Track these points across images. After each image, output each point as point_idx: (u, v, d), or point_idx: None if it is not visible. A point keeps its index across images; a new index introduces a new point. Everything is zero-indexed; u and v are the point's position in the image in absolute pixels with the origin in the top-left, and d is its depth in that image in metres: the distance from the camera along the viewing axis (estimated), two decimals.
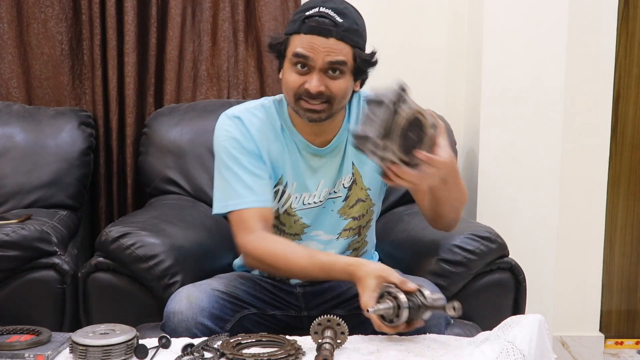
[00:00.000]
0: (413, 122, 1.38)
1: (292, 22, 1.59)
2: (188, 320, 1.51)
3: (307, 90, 1.54)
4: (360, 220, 1.74)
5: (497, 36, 2.40)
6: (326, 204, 1.70)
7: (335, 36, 1.53)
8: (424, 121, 1.40)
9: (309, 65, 1.54)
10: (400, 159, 1.38)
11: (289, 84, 1.57)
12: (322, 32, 1.52)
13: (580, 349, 2.79)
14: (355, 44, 1.56)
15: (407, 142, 1.38)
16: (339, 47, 1.53)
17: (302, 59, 1.54)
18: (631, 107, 2.83)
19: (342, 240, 1.73)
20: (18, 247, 1.83)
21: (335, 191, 1.70)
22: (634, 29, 2.78)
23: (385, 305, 1.36)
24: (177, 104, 2.45)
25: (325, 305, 1.70)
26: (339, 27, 1.53)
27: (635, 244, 2.90)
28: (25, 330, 1.43)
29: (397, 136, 1.36)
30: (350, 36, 1.55)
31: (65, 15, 2.48)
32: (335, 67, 1.54)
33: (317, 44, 1.52)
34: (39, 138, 2.27)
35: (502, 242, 1.86)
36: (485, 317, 1.80)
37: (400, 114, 1.36)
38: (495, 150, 2.43)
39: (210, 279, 1.69)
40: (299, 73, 1.56)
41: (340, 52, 1.54)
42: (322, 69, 1.54)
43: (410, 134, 1.38)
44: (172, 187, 2.29)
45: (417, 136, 1.39)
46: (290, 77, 1.57)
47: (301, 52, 1.54)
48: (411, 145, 1.39)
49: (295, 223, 1.70)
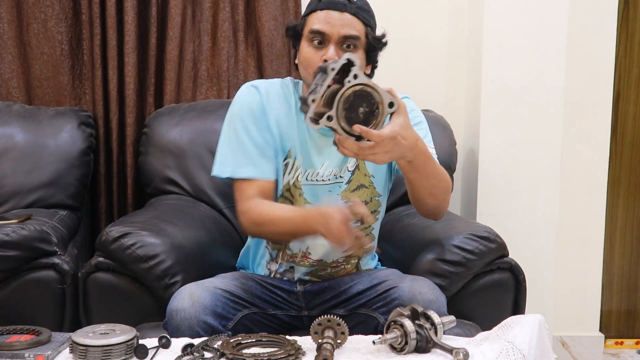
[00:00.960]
0: (360, 95, 1.40)
1: (309, 5, 1.70)
2: (191, 318, 1.51)
3: (325, 61, 1.58)
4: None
5: (497, 36, 2.40)
6: (332, 188, 1.73)
7: (349, 11, 1.64)
8: (376, 96, 1.41)
9: (325, 39, 1.64)
10: (343, 129, 1.40)
11: (307, 60, 1.65)
12: (337, 6, 1.63)
13: (580, 349, 2.79)
14: (367, 22, 1.66)
15: (354, 114, 1.40)
16: (352, 22, 1.64)
17: (318, 35, 1.63)
18: (631, 107, 2.83)
19: None
20: (18, 247, 1.83)
21: (341, 175, 1.73)
22: (634, 29, 2.78)
23: (392, 334, 1.36)
24: (177, 104, 2.45)
25: (325, 304, 1.71)
26: (352, 3, 1.65)
27: (635, 244, 2.90)
28: (25, 330, 1.43)
29: (341, 106, 1.39)
30: (362, 14, 1.66)
31: (65, 15, 2.48)
32: (349, 42, 1.63)
33: (333, 17, 1.63)
34: (39, 138, 2.27)
35: (501, 242, 1.86)
36: (485, 317, 1.79)
37: (345, 85, 1.39)
38: (495, 150, 2.44)
39: (212, 278, 1.70)
40: (316, 48, 1.64)
41: (354, 27, 1.64)
42: (338, 42, 1.63)
43: (360, 107, 1.40)
44: (172, 187, 2.29)
45: (369, 110, 1.41)
46: (308, 53, 1.65)
47: (317, 28, 1.63)
48: (360, 119, 1.41)
49: (299, 197, 1.73)
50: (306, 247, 1.74)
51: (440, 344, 1.36)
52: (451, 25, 2.62)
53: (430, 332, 1.37)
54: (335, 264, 1.76)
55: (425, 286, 1.60)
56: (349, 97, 1.39)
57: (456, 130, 2.48)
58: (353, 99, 1.39)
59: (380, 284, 1.66)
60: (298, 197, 1.73)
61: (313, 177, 1.72)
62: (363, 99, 1.40)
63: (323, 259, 1.75)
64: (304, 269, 1.75)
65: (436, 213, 1.73)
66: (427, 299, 1.55)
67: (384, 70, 1.82)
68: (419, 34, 2.62)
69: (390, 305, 1.58)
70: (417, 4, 2.61)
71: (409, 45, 2.61)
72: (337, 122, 1.39)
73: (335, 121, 1.39)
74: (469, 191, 2.54)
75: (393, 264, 1.90)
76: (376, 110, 1.42)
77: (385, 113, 1.42)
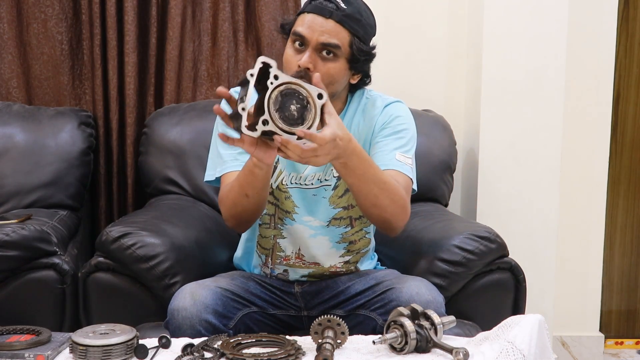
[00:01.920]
0: (287, 93, 1.37)
1: (303, 5, 1.64)
2: (192, 317, 1.51)
3: (298, 66, 1.56)
4: (350, 210, 1.73)
5: (497, 36, 2.40)
6: (318, 192, 1.71)
7: (334, 18, 1.57)
8: (302, 91, 1.38)
9: (305, 43, 1.58)
10: (282, 130, 1.37)
11: (286, 61, 1.61)
12: (322, 11, 1.57)
13: (580, 349, 2.79)
14: (354, 31, 1.59)
15: (287, 112, 1.37)
16: (336, 30, 1.57)
17: (298, 37, 1.58)
18: (631, 107, 2.83)
19: (334, 229, 1.73)
20: (18, 247, 1.83)
21: (326, 179, 1.71)
22: (634, 29, 2.78)
23: (392, 334, 1.36)
24: (177, 104, 2.45)
25: (324, 305, 1.71)
26: (340, 10, 1.57)
27: (635, 244, 2.90)
28: (25, 330, 1.43)
29: (272, 107, 1.36)
30: (350, 22, 1.58)
31: (65, 15, 2.48)
32: (328, 49, 1.57)
33: (316, 23, 1.57)
34: (39, 138, 2.28)
35: (502, 242, 1.86)
36: (485, 317, 1.80)
37: (269, 88, 1.36)
38: (495, 150, 2.44)
39: (212, 277, 1.70)
40: (296, 50, 1.60)
41: (336, 36, 1.57)
42: (316, 48, 1.57)
43: (291, 105, 1.37)
44: (172, 187, 2.29)
45: (301, 105, 1.38)
46: (288, 55, 1.61)
47: (299, 31, 1.58)
48: (295, 116, 1.38)
49: (286, 200, 1.71)
50: (298, 248, 1.73)
51: (440, 344, 1.36)
52: (451, 25, 2.62)
53: (430, 332, 1.37)
54: (334, 268, 1.76)
55: (423, 287, 1.59)
56: (277, 98, 1.36)
57: (456, 130, 2.48)
58: (281, 98, 1.36)
59: (378, 285, 1.66)
60: (284, 200, 1.71)
61: (298, 180, 1.71)
62: (291, 97, 1.37)
63: (320, 262, 1.74)
64: (301, 271, 1.75)
65: (387, 228, 1.63)
66: (425, 300, 1.54)
67: (385, 70, 1.82)
68: (419, 33, 2.62)
69: (388, 307, 1.57)
70: (417, 4, 2.61)
71: (409, 45, 2.61)
72: (274, 124, 1.36)
73: (272, 124, 1.35)
74: (469, 191, 2.54)
75: (392, 264, 1.90)
76: (307, 105, 1.38)
77: (317, 105, 1.38)
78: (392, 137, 1.68)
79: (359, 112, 1.72)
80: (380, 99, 1.74)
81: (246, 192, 1.56)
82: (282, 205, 1.72)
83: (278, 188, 1.72)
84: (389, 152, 1.65)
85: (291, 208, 1.72)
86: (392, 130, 1.68)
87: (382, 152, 1.66)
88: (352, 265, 1.77)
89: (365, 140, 1.70)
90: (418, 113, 2.38)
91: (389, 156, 1.64)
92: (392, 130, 1.68)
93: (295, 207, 1.71)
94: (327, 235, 1.73)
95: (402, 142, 1.67)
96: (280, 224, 1.73)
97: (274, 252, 1.75)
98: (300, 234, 1.72)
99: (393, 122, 1.69)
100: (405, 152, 1.66)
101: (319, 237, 1.72)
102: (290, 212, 1.72)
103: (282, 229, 1.74)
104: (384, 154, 1.65)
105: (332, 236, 1.74)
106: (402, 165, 1.64)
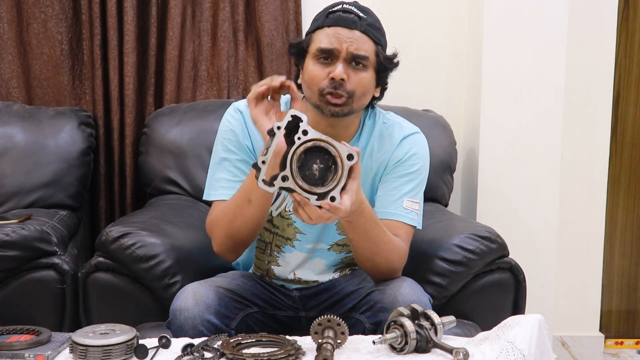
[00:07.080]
0: (312, 150, 1.33)
1: (314, 21, 1.61)
2: (194, 317, 1.51)
3: (332, 79, 1.52)
4: None
5: (497, 36, 2.40)
6: None
7: (359, 28, 1.54)
8: (331, 150, 1.33)
9: (332, 56, 1.54)
10: (301, 187, 1.33)
11: (314, 78, 1.55)
12: (346, 23, 1.54)
13: (580, 349, 2.79)
14: (377, 40, 1.58)
15: (308, 171, 1.33)
16: (362, 39, 1.54)
17: (326, 53, 1.54)
18: (631, 107, 2.83)
19: (333, 254, 1.72)
20: (18, 247, 1.83)
21: None
22: (634, 29, 2.78)
23: (392, 334, 1.36)
24: (177, 104, 2.45)
25: (321, 305, 1.70)
26: (362, 20, 1.55)
27: (635, 244, 2.90)
28: (25, 330, 1.43)
29: (294, 164, 1.32)
30: (373, 32, 1.57)
31: (65, 15, 2.48)
32: (357, 60, 1.54)
33: (342, 34, 1.53)
34: (39, 138, 2.27)
35: (502, 242, 1.86)
36: (485, 317, 1.80)
37: (296, 142, 1.32)
38: (495, 150, 2.44)
39: (213, 277, 1.69)
40: (323, 65, 1.55)
41: (364, 46, 1.54)
42: (346, 59, 1.54)
43: (314, 164, 1.33)
44: (172, 187, 2.29)
45: (324, 166, 1.34)
46: (314, 71, 1.55)
47: (325, 47, 1.54)
48: (316, 176, 1.34)
49: (288, 227, 1.69)
50: (293, 273, 1.72)
51: (440, 344, 1.36)
52: (451, 25, 2.62)
53: (430, 332, 1.37)
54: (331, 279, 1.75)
55: (406, 287, 1.54)
56: (300, 155, 1.32)
57: (456, 130, 2.48)
58: (304, 156, 1.32)
59: (362, 288, 1.65)
60: (286, 227, 1.69)
61: None
62: (316, 155, 1.33)
63: (317, 280, 1.73)
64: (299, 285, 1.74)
65: (376, 279, 1.62)
66: (409, 300, 1.50)
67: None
68: (420, 34, 2.62)
69: (374, 309, 1.55)
70: (417, 4, 2.61)
71: (409, 45, 2.60)
72: (294, 182, 1.32)
73: (291, 181, 1.32)
74: (469, 191, 2.54)
75: None
76: (333, 166, 1.34)
77: (345, 167, 1.34)
78: (404, 179, 1.65)
79: (374, 138, 1.68)
80: (399, 128, 1.69)
81: (250, 197, 1.54)
82: (282, 233, 1.69)
83: (280, 215, 1.68)
84: (397, 198, 1.63)
85: (292, 235, 1.70)
86: (406, 170, 1.65)
87: (390, 195, 1.64)
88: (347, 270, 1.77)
89: (377, 172, 1.67)
90: (418, 113, 2.39)
91: (396, 204, 1.63)
92: (405, 170, 1.65)
93: (298, 234, 1.69)
94: (325, 258, 1.72)
95: (413, 185, 1.65)
96: (277, 251, 1.71)
97: (270, 273, 1.75)
98: (296, 261, 1.71)
99: (408, 162, 1.66)
100: (413, 195, 1.64)
101: (315, 259, 1.72)
102: (291, 239, 1.70)
103: (278, 256, 1.72)
104: (392, 200, 1.63)
105: (331, 260, 1.73)
106: (408, 214, 1.63)
